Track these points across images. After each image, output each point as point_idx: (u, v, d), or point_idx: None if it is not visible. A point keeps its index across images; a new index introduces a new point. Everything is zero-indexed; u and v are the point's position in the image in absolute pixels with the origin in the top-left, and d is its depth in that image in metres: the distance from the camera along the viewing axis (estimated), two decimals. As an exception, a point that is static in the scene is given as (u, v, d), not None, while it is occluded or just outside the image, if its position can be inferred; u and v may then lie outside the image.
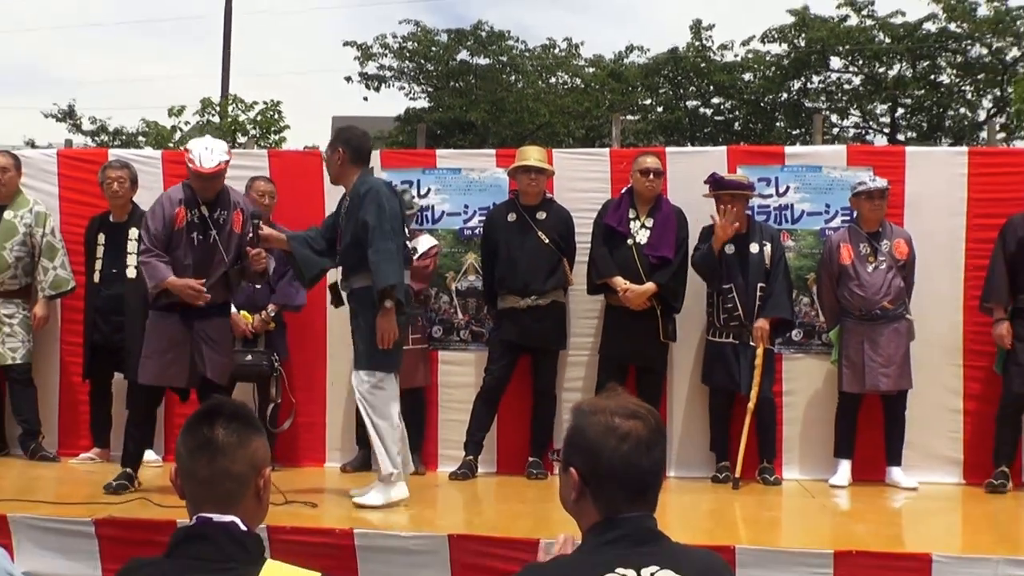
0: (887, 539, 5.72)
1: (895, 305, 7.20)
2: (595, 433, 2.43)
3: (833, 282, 7.35)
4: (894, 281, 7.20)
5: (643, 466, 2.42)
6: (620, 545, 2.38)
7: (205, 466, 2.49)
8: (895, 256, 7.23)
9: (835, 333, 7.39)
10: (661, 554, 2.38)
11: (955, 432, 7.51)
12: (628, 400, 2.52)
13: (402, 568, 5.21)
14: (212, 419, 2.52)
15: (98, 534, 5.38)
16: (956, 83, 25.94)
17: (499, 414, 7.58)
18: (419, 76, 28.73)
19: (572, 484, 2.46)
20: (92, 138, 25.54)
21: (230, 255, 6.57)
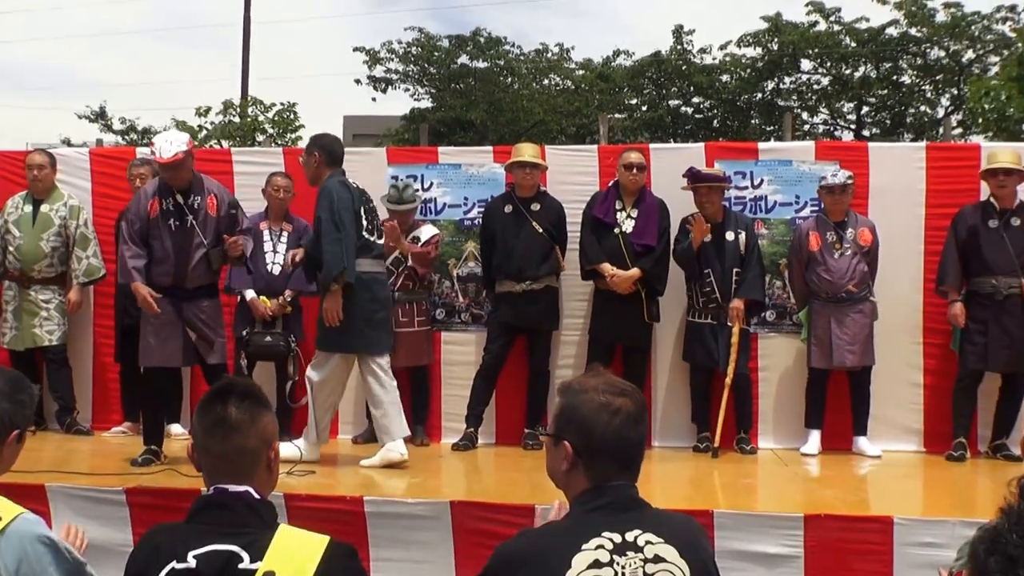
0: (853, 503, 5.69)
1: (859, 288, 7.20)
2: (589, 410, 2.45)
3: (802, 267, 7.35)
4: (858, 266, 7.20)
5: (632, 439, 2.46)
6: (606, 511, 2.40)
7: (220, 442, 2.50)
8: (859, 243, 7.22)
9: (804, 314, 7.38)
10: (643, 519, 2.40)
11: (916, 404, 7.51)
12: (613, 379, 2.55)
13: (408, 532, 5.21)
14: (225, 398, 2.53)
15: (129, 502, 5.39)
16: (916, 83, 25.94)
17: (497, 390, 7.56)
18: (423, 79, 28.71)
19: (565, 456, 2.48)
20: (122, 137, 25.54)
21: (208, 237, 6.50)
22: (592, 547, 2.31)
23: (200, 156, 8.22)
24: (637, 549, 2.33)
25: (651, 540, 2.35)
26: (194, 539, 2.41)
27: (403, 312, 7.56)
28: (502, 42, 28.23)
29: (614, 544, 2.32)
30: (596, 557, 2.30)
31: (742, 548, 5.02)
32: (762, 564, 5.03)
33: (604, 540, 2.33)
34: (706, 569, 2.40)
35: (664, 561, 2.33)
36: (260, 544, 2.39)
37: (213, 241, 6.53)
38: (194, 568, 2.36)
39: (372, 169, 8.01)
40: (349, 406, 7.87)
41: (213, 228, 6.52)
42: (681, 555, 2.35)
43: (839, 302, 7.18)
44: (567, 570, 2.29)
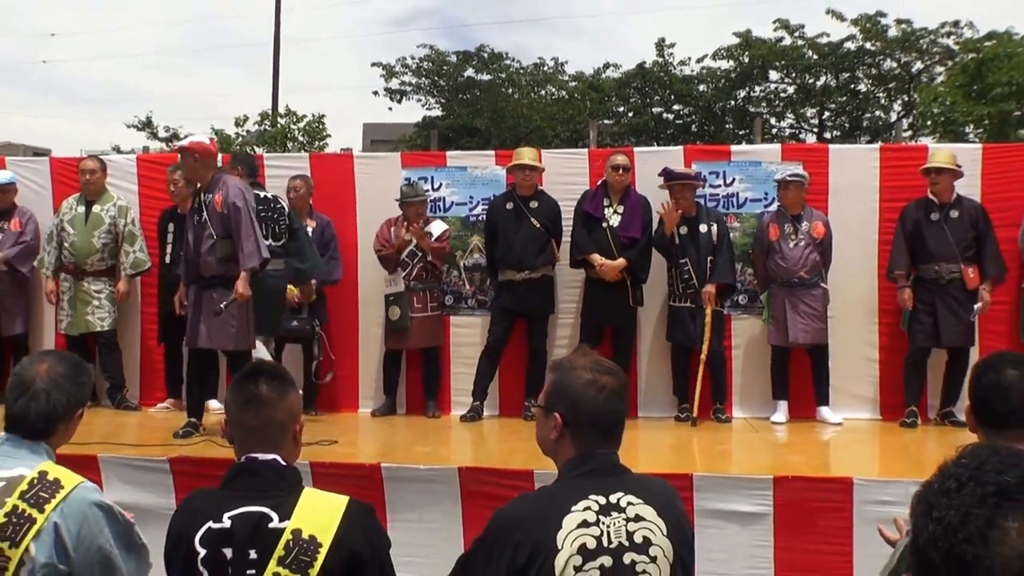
0: (817, 466, 5.70)
1: (811, 275, 7.20)
2: (578, 386, 2.45)
3: (763, 254, 7.36)
4: (811, 256, 7.20)
5: (615, 412, 2.46)
6: (592, 476, 2.40)
7: (253, 416, 2.52)
8: (813, 235, 7.23)
9: (765, 296, 7.40)
10: (625, 483, 2.40)
11: (872, 377, 7.50)
12: (599, 358, 2.55)
13: (420, 495, 5.21)
14: (257, 378, 2.55)
15: (172, 470, 5.38)
16: (871, 91, 25.88)
17: (500, 367, 7.55)
18: (433, 90, 28.67)
19: (555, 426, 2.47)
20: (166, 144, 25.43)
21: (215, 230, 6.37)
22: (580, 508, 2.31)
23: (233, 161, 8.25)
24: (620, 510, 2.33)
25: (632, 501, 2.35)
26: (228, 502, 2.42)
27: (417, 299, 7.56)
28: (504, 57, 28.19)
29: (600, 505, 2.32)
30: (584, 517, 2.30)
31: (718, 507, 5.02)
32: (736, 521, 5.03)
33: (591, 502, 2.32)
34: (680, 526, 2.41)
35: (644, 520, 2.33)
36: (287, 505, 2.40)
37: (221, 234, 6.38)
38: (229, 527, 2.37)
39: (388, 171, 8.03)
40: (369, 382, 7.88)
41: (218, 222, 6.36)
42: (658, 514, 2.36)
43: (793, 287, 7.19)
44: (558, 530, 2.29)
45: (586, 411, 2.44)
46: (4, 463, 2.69)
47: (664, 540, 2.33)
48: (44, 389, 2.76)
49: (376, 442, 6.63)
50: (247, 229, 6.31)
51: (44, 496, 2.61)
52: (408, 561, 4.66)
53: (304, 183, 7.65)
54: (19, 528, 2.57)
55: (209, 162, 6.48)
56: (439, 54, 27.91)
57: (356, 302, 7.95)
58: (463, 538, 5.11)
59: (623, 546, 2.29)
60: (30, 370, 2.80)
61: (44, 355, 2.92)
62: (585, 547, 2.27)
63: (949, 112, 17.61)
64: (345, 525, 2.40)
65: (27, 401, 2.74)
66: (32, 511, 2.58)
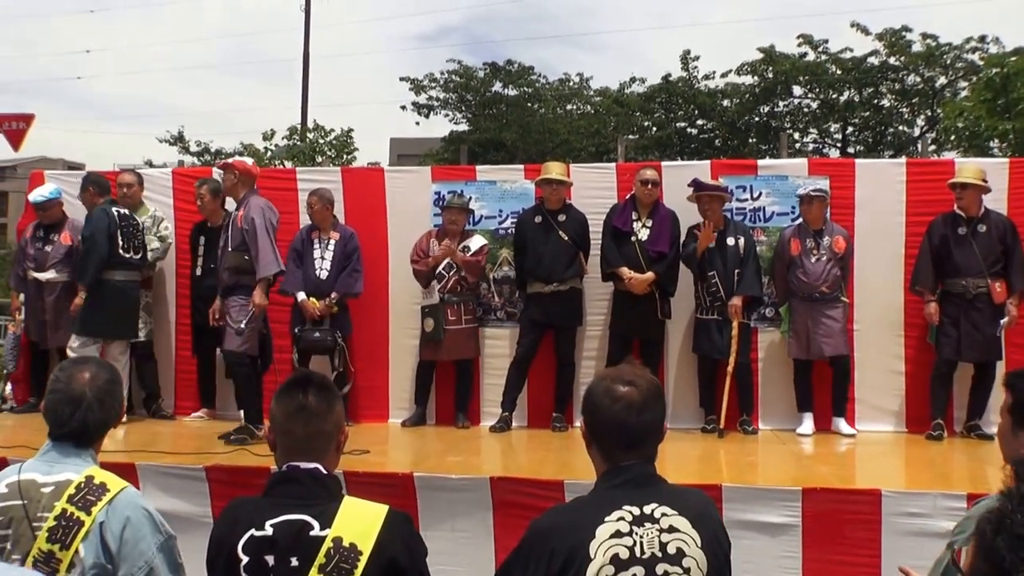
0: (845, 478, 5.68)
1: (832, 290, 7.19)
2: (595, 395, 2.47)
3: (784, 268, 7.34)
4: (832, 270, 7.18)
5: (630, 424, 2.42)
6: (626, 488, 2.40)
7: (302, 426, 2.53)
8: (834, 250, 7.21)
9: (785, 309, 7.37)
10: (659, 494, 2.40)
11: (898, 390, 7.45)
12: (632, 371, 2.53)
13: (452, 504, 5.21)
14: (305, 388, 2.57)
15: (208, 478, 5.40)
16: (895, 106, 25.70)
17: (529, 379, 7.55)
18: (461, 105, 28.74)
19: (583, 433, 2.53)
20: (197, 158, 25.56)
21: (232, 243, 6.80)
22: (614, 519, 2.32)
23: (268, 174, 8.38)
24: (654, 521, 2.33)
25: (666, 512, 2.35)
26: (270, 510, 2.44)
27: (451, 312, 7.58)
28: (530, 72, 28.24)
29: (633, 516, 2.33)
30: (618, 528, 2.31)
31: (747, 518, 4.99)
32: (765, 532, 5.01)
33: (625, 512, 2.33)
34: (715, 538, 2.40)
35: (678, 531, 2.33)
36: (328, 513, 2.42)
37: (234, 246, 6.79)
38: (271, 535, 2.39)
39: (418, 185, 8.06)
40: (399, 393, 7.89)
41: (236, 235, 6.78)
42: (693, 525, 2.35)
43: (814, 301, 7.17)
44: (592, 539, 2.29)
45: (601, 421, 2.45)
46: (52, 468, 2.74)
47: (698, 552, 2.33)
48: (96, 399, 2.80)
49: (407, 452, 6.64)
50: (263, 241, 6.65)
51: (91, 499, 2.67)
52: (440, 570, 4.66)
53: (319, 199, 7.63)
54: (68, 531, 2.62)
55: (247, 181, 6.88)
56: (467, 69, 27.99)
57: (387, 314, 7.97)
58: (494, 547, 5.12)
59: (656, 557, 2.29)
60: (75, 383, 2.82)
61: (80, 364, 2.93)
62: (618, 557, 2.27)
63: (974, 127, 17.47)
64: (385, 533, 2.42)
65: (82, 414, 2.78)
66: (80, 514, 2.64)
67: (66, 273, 7.91)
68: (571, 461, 5.97)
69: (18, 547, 2.64)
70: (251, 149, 24.34)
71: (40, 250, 8.04)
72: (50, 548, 2.61)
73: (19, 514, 2.66)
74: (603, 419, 2.43)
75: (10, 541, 2.64)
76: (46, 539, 2.62)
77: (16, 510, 2.67)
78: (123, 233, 7.42)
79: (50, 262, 7.98)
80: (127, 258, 7.46)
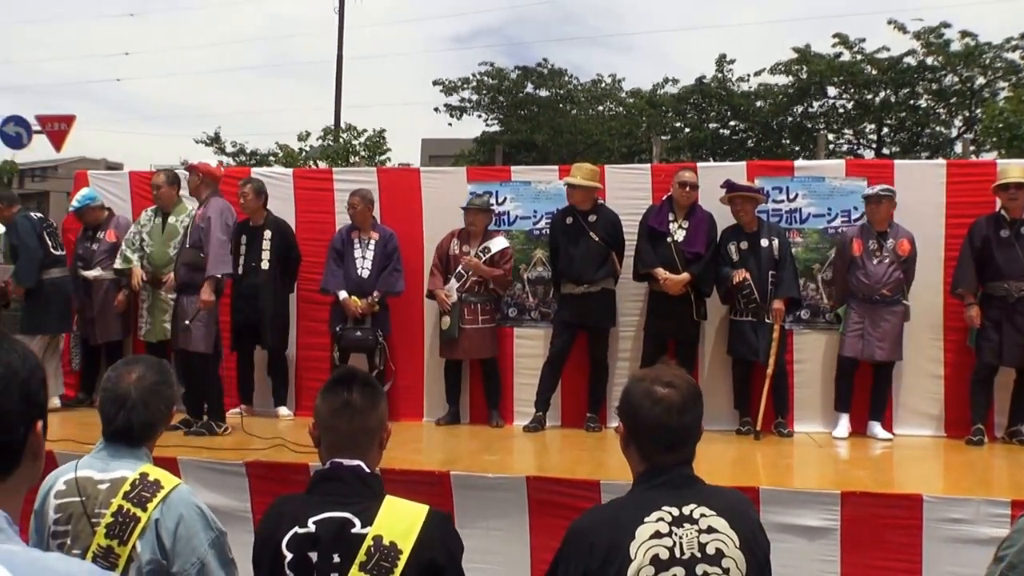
0: (883, 482, 5.61)
1: (893, 293, 7.09)
2: (635, 396, 2.46)
3: (845, 268, 7.25)
4: (894, 273, 7.08)
5: (671, 426, 2.42)
6: (664, 488, 2.39)
7: (347, 422, 2.55)
8: (898, 253, 7.10)
9: (842, 310, 7.31)
10: (697, 495, 2.40)
11: (937, 394, 7.37)
12: (671, 371, 2.52)
13: (488, 503, 5.21)
14: (349, 385, 2.58)
15: (248, 474, 5.44)
16: (932, 106, 25.44)
17: (562, 379, 7.54)
18: (493, 106, 28.77)
19: (621, 434, 2.52)
20: (233, 159, 25.73)
21: (189, 241, 7.08)
22: (653, 519, 2.32)
23: (304, 175, 8.44)
24: (693, 521, 2.33)
25: (705, 513, 2.34)
26: (313, 507, 2.46)
27: (468, 311, 7.58)
28: (563, 73, 28.23)
29: (672, 517, 2.32)
30: (657, 528, 2.30)
31: (785, 521, 4.95)
32: (803, 536, 4.97)
33: (664, 513, 2.33)
34: (753, 538, 2.39)
35: (716, 532, 2.32)
36: (370, 512, 2.43)
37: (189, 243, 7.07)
38: (313, 532, 2.41)
39: (454, 185, 8.08)
40: (433, 392, 7.90)
41: (193, 233, 7.06)
42: (731, 526, 2.35)
43: (874, 303, 7.08)
44: (631, 540, 2.29)
45: (641, 422, 2.44)
46: (107, 466, 2.79)
47: (737, 552, 2.32)
48: (142, 400, 2.83)
49: (442, 450, 6.65)
50: (215, 240, 6.82)
51: (146, 496, 2.71)
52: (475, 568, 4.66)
53: (361, 199, 7.68)
54: (125, 527, 2.67)
55: (210, 182, 7.16)
56: (499, 71, 28.03)
57: (421, 313, 7.99)
58: (529, 546, 5.13)
59: (695, 557, 2.29)
60: (122, 383, 2.85)
61: (131, 364, 2.96)
62: (658, 558, 2.27)
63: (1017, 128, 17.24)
64: (425, 533, 2.43)
65: (128, 414, 2.81)
66: (136, 510, 2.68)
67: (112, 271, 8.04)
68: (606, 461, 5.95)
69: (78, 542, 2.69)
70: (286, 150, 24.50)
71: (87, 248, 8.23)
72: (109, 544, 2.66)
73: (78, 510, 2.71)
74: (643, 421, 2.43)
75: (70, 537, 2.70)
76: (104, 535, 2.67)
77: (75, 506, 2.72)
78: (48, 234, 8.05)
79: (96, 260, 8.15)
80: (58, 256, 8.06)
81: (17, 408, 1.43)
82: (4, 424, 1.42)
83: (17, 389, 1.44)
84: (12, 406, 1.43)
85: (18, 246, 7.92)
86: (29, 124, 18.76)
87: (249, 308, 7.76)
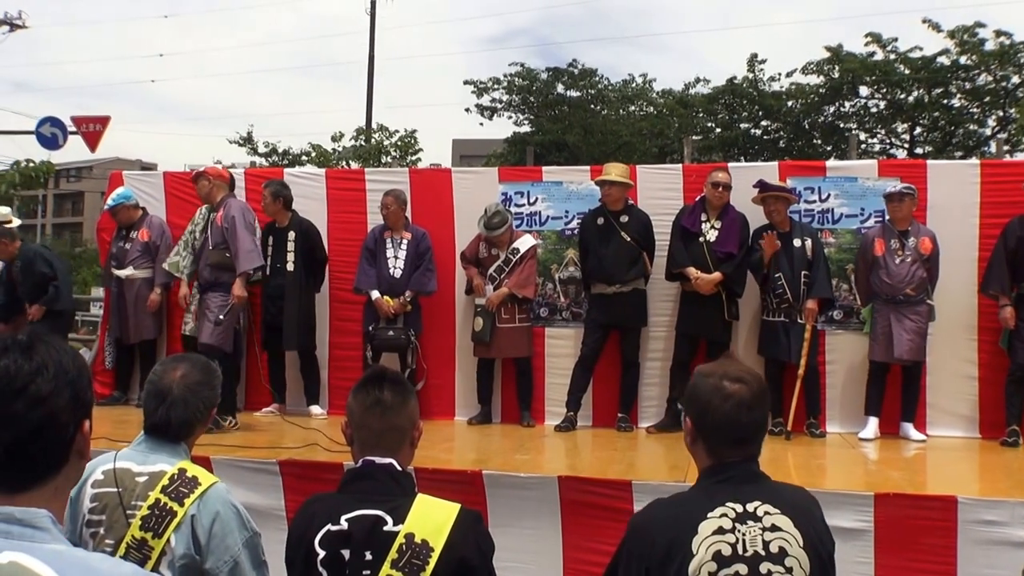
0: (917, 484, 5.55)
1: (917, 292, 7.01)
2: (704, 392, 2.44)
3: (867, 268, 7.18)
4: (917, 272, 7.00)
5: (742, 422, 2.40)
6: (729, 484, 2.38)
7: (378, 420, 2.56)
8: (920, 251, 7.03)
9: (868, 310, 7.24)
10: (762, 491, 2.38)
11: (971, 395, 7.29)
12: (738, 367, 2.51)
13: (520, 502, 5.18)
14: (381, 383, 2.59)
15: (282, 472, 5.45)
16: (965, 106, 25.18)
17: (594, 378, 7.53)
18: (523, 107, 28.80)
19: (687, 431, 2.50)
20: (265, 159, 25.86)
21: (213, 242, 7.22)
22: (716, 515, 2.31)
23: (337, 175, 8.47)
24: (757, 519, 2.31)
25: (769, 511, 2.33)
26: (346, 505, 2.47)
27: (505, 310, 7.58)
28: (593, 74, 28.20)
29: (736, 513, 2.31)
30: (720, 524, 2.29)
31: (817, 522, 4.90)
32: (837, 537, 4.75)
33: (727, 509, 2.32)
34: (817, 538, 2.37)
35: (780, 530, 2.31)
36: (402, 510, 2.44)
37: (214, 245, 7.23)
38: (346, 530, 2.42)
39: (485, 185, 8.08)
40: (465, 391, 7.91)
41: (217, 234, 7.22)
42: (795, 524, 2.33)
43: (898, 303, 7.01)
44: (694, 535, 2.28)
45: (712, 418, 2.41)
46: (146, 459, 2.82)
47: (800, 552, 2.30)
48: (182, 397, 2.86)
49: (474, 450, 6.64)
50: (243, 237, 7.01)
51: (184, 491, 2.74)
52: (507, 567, 4.67)
53: (395, 199, 7.71)
54: (161, 520, 2.69)
55: (222, 185, 7.39)
56: (530, 72, 28.05)
57: (453, 312, 8.01)
58: (562, 545, 5.11)
59: (759, 555, 2.27)
60: (165, 378, 2.89)
61: (177, 361, 3.00)
62: (720, 554, 2.26)
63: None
64: (456, 531, 2.43)
65: (167, 410, 2.85)
66: (173, 504, 2.71)
67: (145, 269, 8.10)
68: (637, 461, 5.92)
69: (112, 532, 2.71)
70: (319, 150, 24.60)
71: (121, 248, 8.28)
72: (143, 536, 2.68)
73: (114, 501, 2.74)
74: (713, 417, 2.40)
75: (103, 526, 2.73)
76: (139, 527, 2.69)
77: (111, 497, 2.74)
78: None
79: (129, 259, 8.21)
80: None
81: (68, 407, 1.46)
82: (56, 423, 1.44)
83: (68, 388, 1.46)
84: (63, 404, 1.45)
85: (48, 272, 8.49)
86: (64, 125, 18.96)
87: (275, 309, 7.81)
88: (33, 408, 1.42)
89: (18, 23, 27.25)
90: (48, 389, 1.43)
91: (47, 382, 1.43)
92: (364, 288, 7.66)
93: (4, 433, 1.40)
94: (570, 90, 28.19)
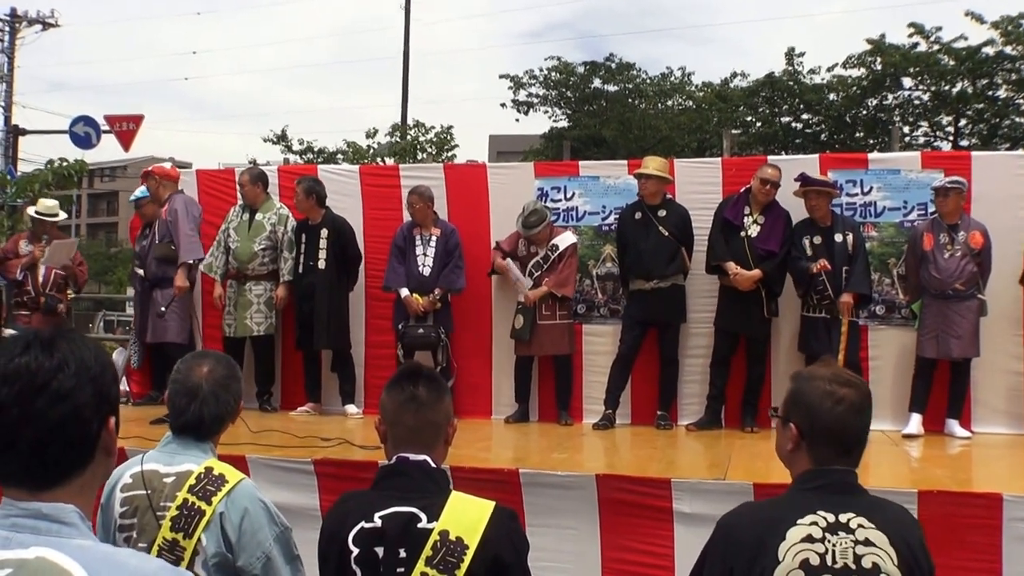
0: (961, 481, 5.46)
1: (967, 287, 6.90)
2: (814, 396, 2.39)
3: (916, 263, 7.09)
4: (967, 267, 6.90)
5: (854, 426, 2.38)
6: (823, 492, 2.34)
7: (412, 416, 2.55)
8: (970, 245, 6.92)
9: (917, 306, 7.13)
10: (857, 504, 2.33)
11: (1016, 391, 7.19)
12: (841, 370, 2.48)
13: (558, 501, 5.16)
14: (415, 379, 2.59)
15: (316, 471, 5.47)
16: (1011, 97, 24.81)
17: (632, 376, 7.49)
18: (560, 101, 28.77)
19: (791, 437, 2.42)
20: (300, 156, 25.98)
21: (158, 236, 7.79)
22: (807, 523, 2.27)
23: (371, 171, 8.49)
24: (849, 531, 2.26)
25: (863, 524, 2.27)
26: (379, 502, 2.46)
27: (546, 307, 7.57)
28: (631, 67, 28.10)
29: (827, 523, 2.26)
30: (809, 532, 2.25)
31: (860, 520, 4.85)
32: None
33: (818, 518, 2.27)
34: (913, 558, 2.28)
35: (874, 546, 2.25)
36: (436, 507, 2.43)
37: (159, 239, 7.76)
38: (380, 527, 2.42)
39: (521, 181, 8.08)
40: (501, 389, 7.90)
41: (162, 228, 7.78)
42: (891, 542, 2.27)
43: (947, 299, 6.91)
44: (781, 541, 2.25)
45: (822, 423, 2.37)
46: (172, 459, 2.83)
47: (894, 570, 2.24)
48: (212, 392, 2.88)
49: (511, 448, 6.64)
50: (184, 229, 7.45)
51: (211, 489, 2.75)
52: (546, 566, 4.67)
53: (419, 197, 7.69)
54: (191, 520, 2.71)
55: (168, 184, 7.87)
56: (566, 66, 28.01)
57: (489, 310, 8.00)
58: (600, 544, 5.08)
59: (849, 569, 2.22)
60: (192, 376, 2.90)
61: (200, 358, 3.01)
62: (808, 563, 2.23)
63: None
64: (491, 529, 2.42)
65: (199, 406, 2.86)
66: (201, 503, 2.72)
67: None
68: (677, 459, 5.89)
69: (144, 535, 2.73)
70: (354, 147, 24.71)
71: (143, 246, 8.26)
72: (174, 537, 2.70)
73: (144, 503, 2.75)
74: (825, 422, 2.36)
75: (136, 530, 2.75)
76: (170, 528, 2.71)
77: (141, 499, 2.76)
78: None
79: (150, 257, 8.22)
80: None
81: (90, 403, 1.45)
82: (78, 419, 1.44)
83: (90, 384, 1.46)
84: (86, 400, 1.45)
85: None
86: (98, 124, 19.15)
87: (307, 307, 7.84)
88: (55, 405, 1.41)
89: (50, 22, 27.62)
90: (70, 385, 1.43)
91: (69, 378, 1.43)
92: (393, 286, 7.68)
93: (27, 430, 1.40)
94: (607, 84, 28.12)
